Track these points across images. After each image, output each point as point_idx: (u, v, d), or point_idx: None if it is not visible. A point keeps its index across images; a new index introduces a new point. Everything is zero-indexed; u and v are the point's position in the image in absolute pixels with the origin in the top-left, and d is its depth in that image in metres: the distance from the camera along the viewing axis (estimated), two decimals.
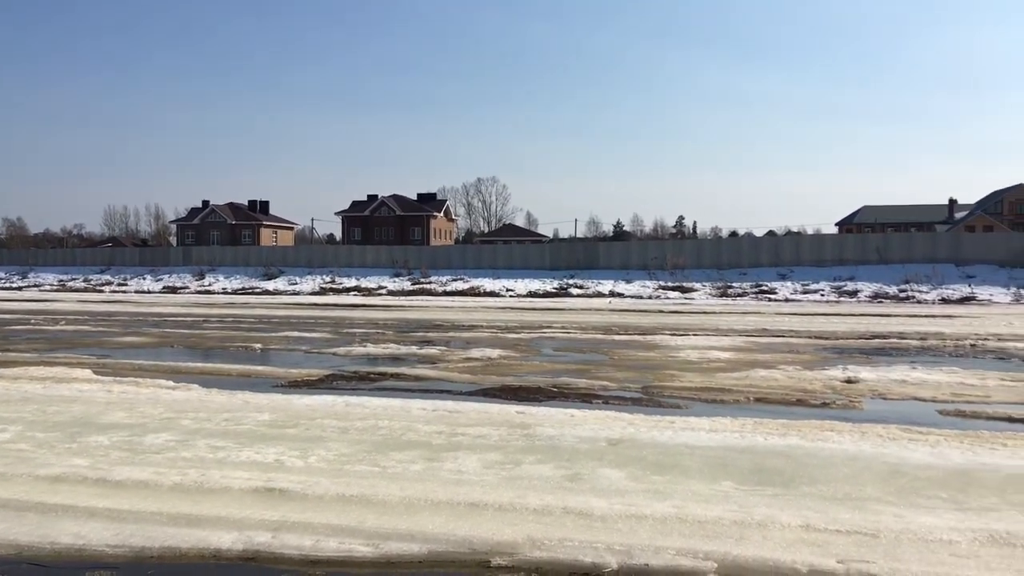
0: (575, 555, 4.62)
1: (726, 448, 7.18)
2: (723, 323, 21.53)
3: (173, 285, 47.79)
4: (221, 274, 51.38)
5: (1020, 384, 11.05)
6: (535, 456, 6.91)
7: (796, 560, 4.49)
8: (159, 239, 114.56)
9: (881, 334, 18.36)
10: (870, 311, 26.96)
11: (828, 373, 12.09)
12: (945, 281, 34.75)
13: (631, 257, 45.26)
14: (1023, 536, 4.87)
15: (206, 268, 53.56)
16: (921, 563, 4.46)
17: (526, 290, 38.75)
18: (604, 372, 12.60)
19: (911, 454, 6.93)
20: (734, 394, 10.53)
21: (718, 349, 15.30)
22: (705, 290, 36.71)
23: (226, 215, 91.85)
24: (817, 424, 8.24)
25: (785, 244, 45.05)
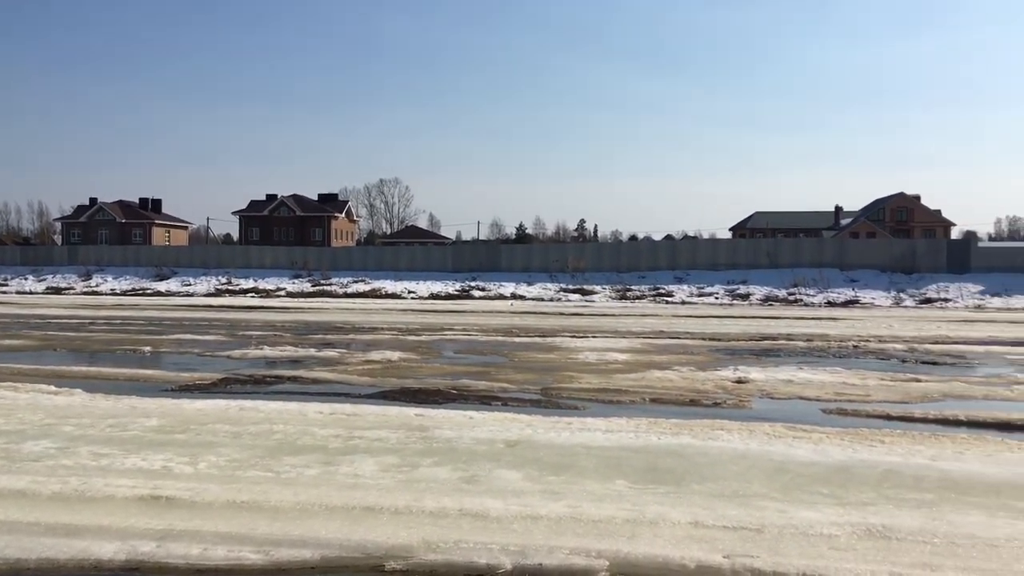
0: (470, 557, 4.63)
1: (621, 448, 7.31)
2: (622, 325, 21.92)
3: (57, 285, 45.67)
4: (110, 274, 49.39)
5: (898, 384, 11.61)
6: (433, 458, 6.89)
7: (685, 556, 4.60)
8: (43, 238, 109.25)
9: (771, 336, 19.01)
10: (761, 313, 27.89)
11: (720, 374, 12.45)
12: (831, 285, 36.22)
13: (533, 260, 45.59)
14: (897, 529, 5.12)
15: (93, 268, 51.39)
16: (802, 556, 4.63)
17: (428, 292, 38.60)
18: (504, 374, 12.66)
19: (795, 451, 7.20)
20: (630, 395, 10.73)
21: (616, 351, 15.57)
22: (605, 293, 37.28)
23: (115, 213, 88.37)
24: (709, 423, 8.48)
25: (682, 248, 46.18)
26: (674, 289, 37.45)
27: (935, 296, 33.40)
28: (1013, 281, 34.94)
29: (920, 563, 4.55)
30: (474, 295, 37.43)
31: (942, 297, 33.21)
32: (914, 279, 36.88)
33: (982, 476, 6.43)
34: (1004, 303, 31.60)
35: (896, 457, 7.03)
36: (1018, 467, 6.73)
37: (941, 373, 12.83)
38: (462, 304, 33.13)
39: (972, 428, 8.66)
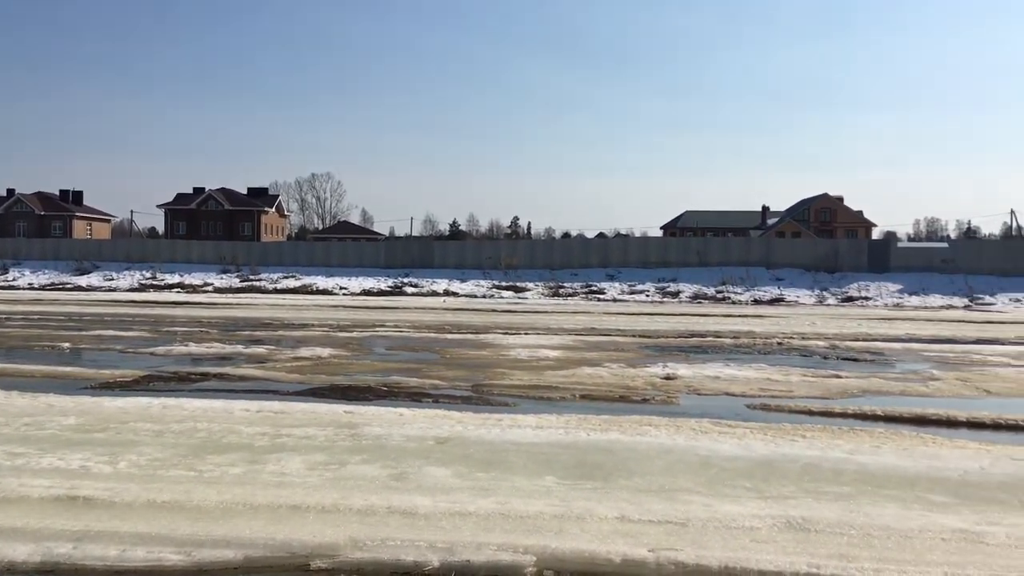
0: (397, 554, 4.60)
1: (551, 444, 7.36)
2: (554, 322, 22.05)
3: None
4: (27, 268, 47.73)
5: (820, 380, 11.93)
6: (362, 456, 6.84)
7: (611, 551, 4.65)
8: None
9: (699, 333, 19.34)
10: (690, 311, 28.36)
11: (650, 370, 12.62)
12: (758, 283, 37.04)
13: (466, 256, 45.58)
14: (816, 521, 5.26)
15: (10, 262, 49.57)
16: (724, 549, 4.73)
17: (360, 288, 38.26)
18: (436, 371, 12.62)
19: (720, 446, 7.34)
20: (561, 391, 10.81)
21: (548, 348, 15.66)
22: (538, 290, 37.46)
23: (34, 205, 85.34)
24: (637, 419, 8.58)
25: (614, 246, 46.70)
26: (606, 287, 37.82)
27: (856, 294, 34.40)
28: (930, 280, 36.22)
29: (837, 554, 4.68)
30: (407, 292, 37.23)
31: (863, 295, 34.23)
32: (837, 278, 37.92)
33: (897, 469, 6.65)
34: (921, 301, 32.72)
35: (816, 451, 7.22)
36: (932, 460, 6.97)
37: (861, 370, 13.22)
38: (395, 301, 32.92)
39: (889, 423, 8.94)
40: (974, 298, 32.79)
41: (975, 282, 35.11)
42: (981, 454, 7.21)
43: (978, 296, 33.10)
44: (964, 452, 7.31)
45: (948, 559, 4.64)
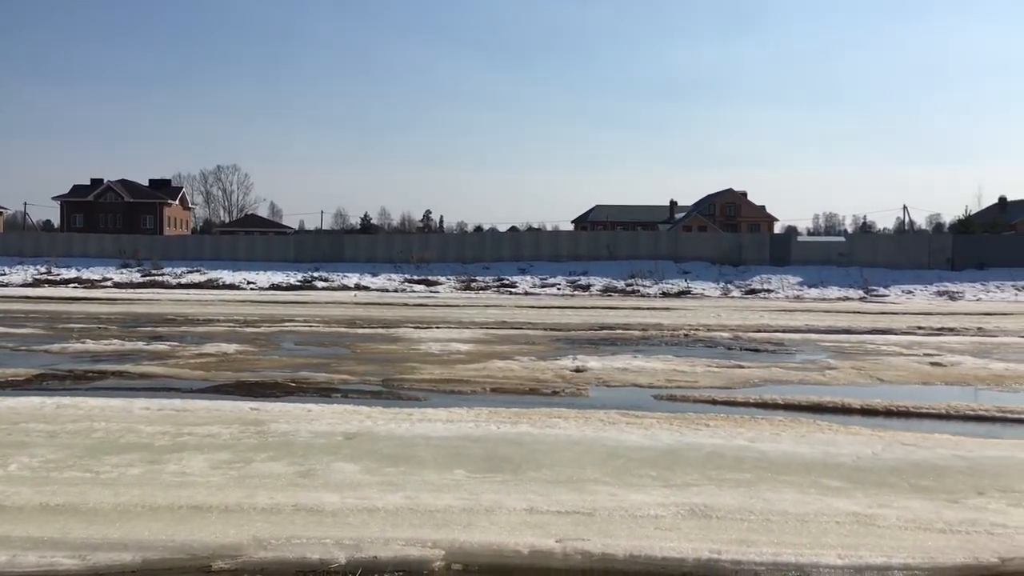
0: (303, 553, 4.53)
1: (461, 438, 7.36)
2: (465, 316, 22.04)
3: None
4: None
5: (724, 370, 12.25)
6: (268, 453, 6.70)
7: (519, 542, 4.69)
8: None
9: (609, 325, 19.62)
10: (600, 304, 28.74)
11: (560, 363, 12.74)
12: (665, 276, 37.81)
13: (378, 250, 45.16)
14: (718, 508, 5.40)
15: None
16: (630, 537, 4.82)
17: (268, 283, 37.49)
18: (345, 366, 12.48)
19: (628, 437, 7.46)
20: (472, 385, 10.82)
21: (459, 341, 15.64)
22: (450, 283, 37.39)
23: None
24: (547, 412, 8.65)
25: (525, 240, 46.96)
26: (518, 280, 38.02)
27: (759, 287, 35.45)
28: (828, 273, 37.58)
29: (737, 540, 4.82)
30: (317, 286, 36.66)
31: (765, 288, 35.29)
32: (741, 271, 39.01)
33: (796, 456, 6.88)
34: (820, 293, 33.93)
35: (719, 440, 7.41)
36: (828, 447, 7.24)
37: (762, 360, 13.64)
38: (304, 295, 32.38)
39: (788, 411, 9.25)
40: (869, 290, 34.18)
41: (870, 274, 36.58)
42: (874, 440, 7.52)
43: (873, 288, 34.51)
44: (858, 438, 7.62)
45: (842, 541, 4.83)
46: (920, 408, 9.36)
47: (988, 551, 4.72)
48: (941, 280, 36.22)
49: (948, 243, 41.50)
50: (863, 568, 4.47)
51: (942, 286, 35.08)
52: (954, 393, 10.58)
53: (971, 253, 39.56)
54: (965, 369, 12.56)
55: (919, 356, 13.95)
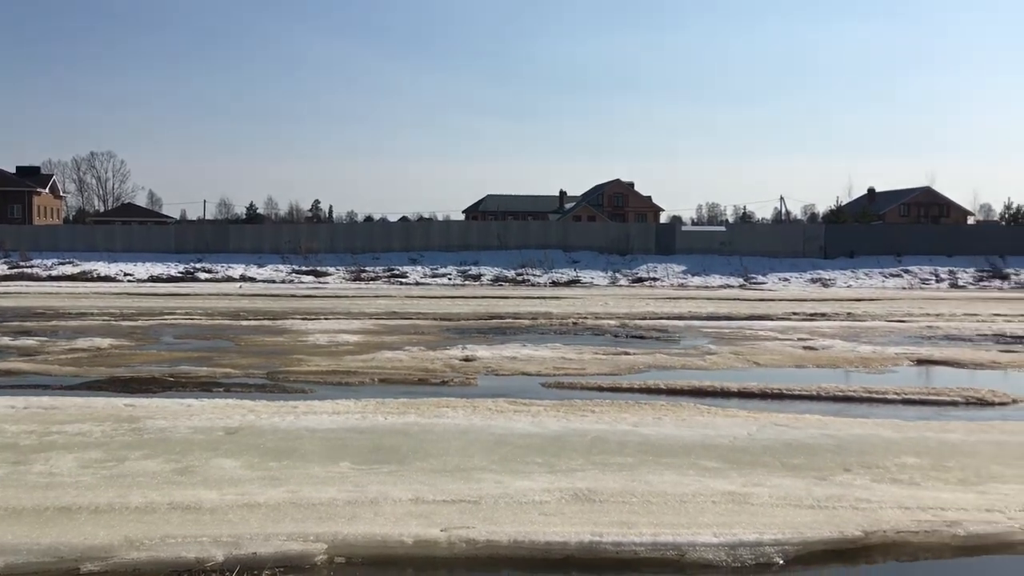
0: (178, 552, 4.39)
1: (347, 430, 7.27)
2: (355, 307, 21.77)
3: None
4: None
5: (610, 357, 12.49)
6: (143, 451, 6.45)
7: (404, 533, 4.66)
8: None
9: (499, 314, 19.73)
10: (491, 293, 28.85)
11: (449, 353, 12.73)
12: (555, 265, 38.24)
13: (264, 241, 43.99)
14: (601, 492, 5.51)
15: None
16: (514, 523, 4.86)
17: (148, 274, 36.07)
18: (228, 359, 12.14)
19: (515, 424, 7.53)
20: (360, 376, 10.70)
21: (348, 332, 15.44)
22: (339, 274, 36.83)
23: None
24: (435, 402, 8.64)
25: (416, 230, 46.65)
26: (408, 270, 37.78)
27: (645, 276, 36.30)
28: (710, 262, 38.78)
29: (619, 522, 4.93)
30: (200, 277, 35.49)
31: (651, 277, 36.16)
32: (628, 260, 39.82)
33: (676, 439, 7.09)
34: (703, 282, 35.01)
35: (604, 425, 7.56)
36: (707, 429, 7.48)
37: (647, 347, 13.98)
38: (186, 287, 31.28)
39: (671, 396, 9.52)
40: (748, 278, 35.46)
41: (749, 263, 37.95)
42: (749, 421, 7.82)
43: (752, 276, 35.82)
44: (735, 420, 7.90)
45: (717, 520, 5.00)
46: (793, 390, 9.78)
47: (853, 525, 4.97)
48: (815, 268, 37.87)
49: (821, 232, 43.41)
50: (737, 545, 4.64)
51: (816, 273, 36.70)
52: (825, 375, 11.10)
53: (842, 242, 41.50)
54: (835, 352, 13.19)
55: (793, 341, 14.57)
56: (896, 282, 35.74)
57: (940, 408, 9.08)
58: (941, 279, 36.36)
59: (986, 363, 12.26)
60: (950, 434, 7.37)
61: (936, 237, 42.70)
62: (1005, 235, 44.61)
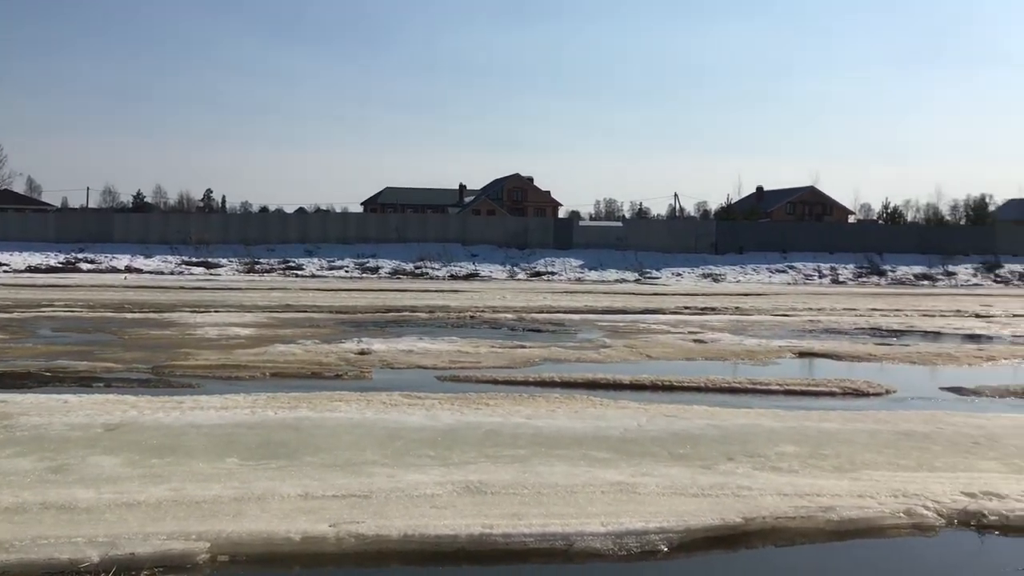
0: (50, 553, 4.19)
1: (236, 425, 7.09)
2: (247, 299, 21.26)
3: None
4: None
5: (506, 350, 12.56)
6: (14, 449, 6.14)
7: (291, 529, 4.58)
8: None
9: (396, 308, 19.59)
10: (389, 286, 28.64)
11: (344, 346, 12.57)
12: (454, 259, 38.23)
13: (151, 230, 42.39)
14: (493, 484, 5.53)
15: None
16: (405, 517, 4.83)
17: (25, 265, 34.35)
18: (111, 353, 11.67)
19: (409, 418, 7.49)
20: (251, 370, 10.46)
21: (239, 325, 15.07)
22: (232, 266, 35.91)
23: None
24: (328, 395, 8.51)
25: (313, 221, 45.88)
26: (304, 262, 37.12)
27: (544, 270, 36.67)
28: (607, 256, 39.47)
29: (510, 513, 4.96)
30: (82, 268, 34.01)
31: (549, 271, 36.57)
32: (526, 254, 40.13)
33: (569, 430, 7.18)
34: (599, 276, 35.62)
35: (498, 418, 7.60)
36: (599, 421, 7.61)
37: (543, 340, 14.12)
38: (67, 278, 29.92)
39: (565, 388, 9.64)
40: (643, 273, 36.27)
41: (644, 258, 38.80)
42: (640, 413, 7.99)
43: (647, 271, 36.66)
44: (626, 412, 8.06)
45: (606, 509, 5.09)
46: (683, 382, 10.05)
47: (734, 512, 5.14)
48: (706, 263, 39.01)
49: (712, 229, 44.75)
50: (623, 534, 4.73)
51: (707, 269, 37.82)
52: (713, 368, 11.44)
53: (732, 239, 42.87)
54: (723, 345, 13.62)
55: (684, 334, 14.97)
56: (782, 277, 37.15)
57: (819, 399, 9.49)
58: (823, 275, 37.98)
59: (863, 356, 12.87)
60: (827, 423, 7.70)
61: (819, 235, 44.59)
62: (883, 234, 46.96)
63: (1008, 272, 39.20)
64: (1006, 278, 38.46)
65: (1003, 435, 7.31)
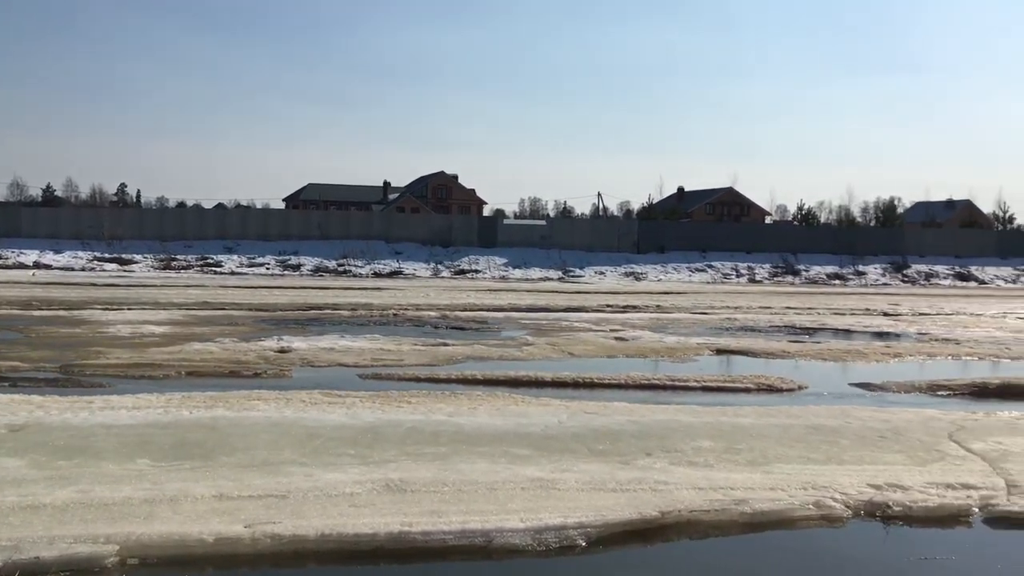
0: None
1: (148, 425, 6.90)
2: (163, 296, 20.72)
3: None
4: None
5: (429, 348, 12.53)
6: None
7: (204, 531, 4.48)
8: None
9: (318, 305, 19.34)
10: (311, 284, 28.26)
11: (264, 344, 12.35)
12: (378, 257, 37.92)
13: (62, 225, 40.90)
14: (413, 482, 5.50)
15: None
16: (323, 516, 4.77)
17: None
18: (16, 352, 11.23)
19: (329, 416, 7.40)
20: (165, 369, 10.20)
21: (154, 323, 14.67)
22: (147, 262, 34.93)
23: None
24: (246, 394, 8.35)
25: (232, 217, 44.92)
26: (224, 259, 36.35)
27: (468, 268, 36.67)
28: (531, 255, 39.69)
29: (429, 511, 4.95)
30: None
31: (474, 268, 36.58)
32: (451, 252, 40.08)
33: (490, 427, 7.20)
34: (523, 274, 35.79)
35: (419, 416, 7.57)
36: (520, 418, 7.64)
37: (466, 338, 14.12)
38: None
39: (487, 385, 9.66)
40: (567, 271, 36.58)
41: (568, 256, 39.13)
42: (561, 410, 8.05)
43: (570, 269, 36.98)
44: (547, 408, 8.12)
45: (525, 506, 5.12)
46: (604, 379, 10.17)
47: (651, 506, 5.22)
48: (629, 262, 39.57)
49: (635, 228, 45.41)
50: (542, 529, 4.77)
51: (629, 267, 38.36)
52: (634, 365, 11.61)
53: (654, 238, 43.58)
54: (643, 343, 13.83)
55: (606, 332, 15.15)
56: (701, 276, 37.93)
57: (735, 395, 9.72)
58: (741, 274, 38.91)
59: (777, 352, 13.23)
60: (742, 419, 7.89)
61: (738, 235, 45.73)
62: (798, 234, 48.33)
63: (915, 272, 40.79)
64: (913, 278, 40.00)
65: (907, 429, 7.60)
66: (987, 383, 10.60)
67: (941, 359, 13.06)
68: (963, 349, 14.01)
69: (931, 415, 8.37)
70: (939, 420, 8.07)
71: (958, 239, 48.56)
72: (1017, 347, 14.30)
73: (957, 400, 9.74)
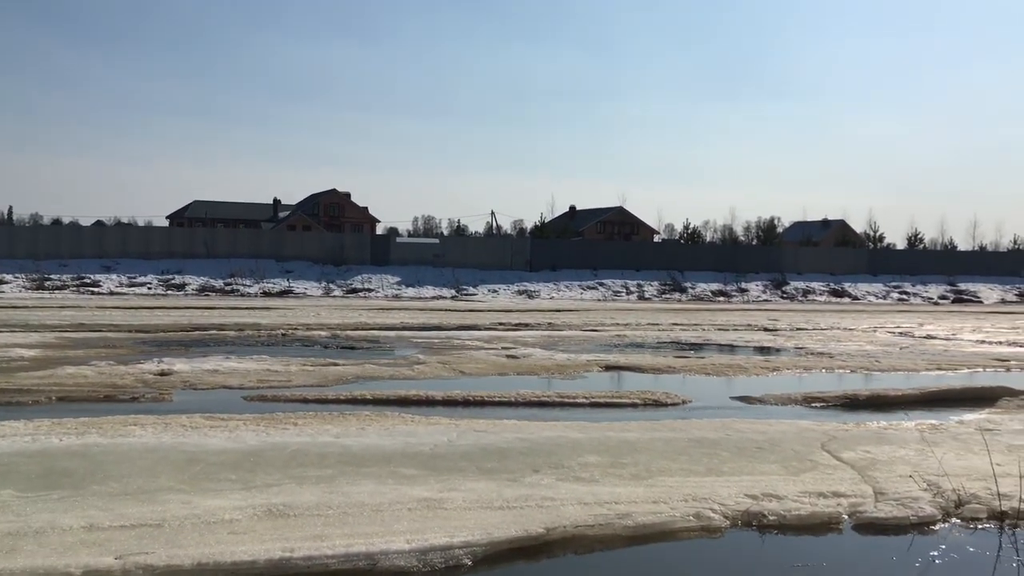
0: None
1: (13, 454, 6.54)
2: (35, 318, 19.70)
3: None
4: None
5: (318, 368, 12.30)
6: None
7: (71, 564, 4.26)
8: None
9: (203, 326, 18.75)
10: (196, 304, 27.36)
11: (143, 367, 11.88)
12: (267, 275, 37.04)
13: None
14: (296, 506, 5.39)
15: None
16: (200, 545, 4.61)
17: None
18: None
19: (210, 441, 7.18)
20: (34, 394, 9.70)
21: (23, 347, 13.92)
22: (18, 282, 33.15)
23: None
24: (121, 419, 8.02)
25: (111, 235, 43.11)
26: (101, 279, 34.83)
27: (360, 286, 36.22)
28: (424, 273, 39.52)
29: (312, 535, 4.85)
30: None
31: (366, 287, 36.16)
32: (343, 271, 39.52)
33: (378, 448, 7.12)
34: (416, 292, 35.59)
35: (306, 438, 7.42)
36: (409, 437, 7.59)
37: (357, 357, 13.94)
38: None
39: (377, 405, 9.55)
40: (460, 289, 36.56)
41: (461, 275, 39.13)
42: (450, 428, 8.04)
43: (464, 287, 36.98)
44: (437, 427, 8.09)
45: (411, 526, 5.08)
46: (494, 397, 10.21)
47: (537, 523, 5.26)
48: (521, 280, 39.86)
49: (527, 247, 45.82)
50: (428, 550, 4.74)
51: (522, 285, 38.65)
52: (525, 382, 11.69)
53: (546, 256, 44.07)
54: (535, 360, 13.95)
55: (498, 350, 15.21)
56: (592, 294, 38.56)
57: (622, 410, 9.91)
58: (631, 291, 39.74)
59: (664, 368, 13.55)
60: (628, 433, 8.04)
61: (627, 253, 46.73)
62: (684, 252, 49.69)
63: (793, 289, 42.51)
64: (791, 294, 41.68)
65: (782, 439, 7.91)
66: (858, 395, 11.13)
67: (816, 372, 13.64)
68: (837, 362, 14.69)
69: (806, 426, 8.74)
70: (813, 431, 8.42)
71: (833, 257, 50.88)
72: (886, 360, 15.09)
73: (830, 411, 10.18)
